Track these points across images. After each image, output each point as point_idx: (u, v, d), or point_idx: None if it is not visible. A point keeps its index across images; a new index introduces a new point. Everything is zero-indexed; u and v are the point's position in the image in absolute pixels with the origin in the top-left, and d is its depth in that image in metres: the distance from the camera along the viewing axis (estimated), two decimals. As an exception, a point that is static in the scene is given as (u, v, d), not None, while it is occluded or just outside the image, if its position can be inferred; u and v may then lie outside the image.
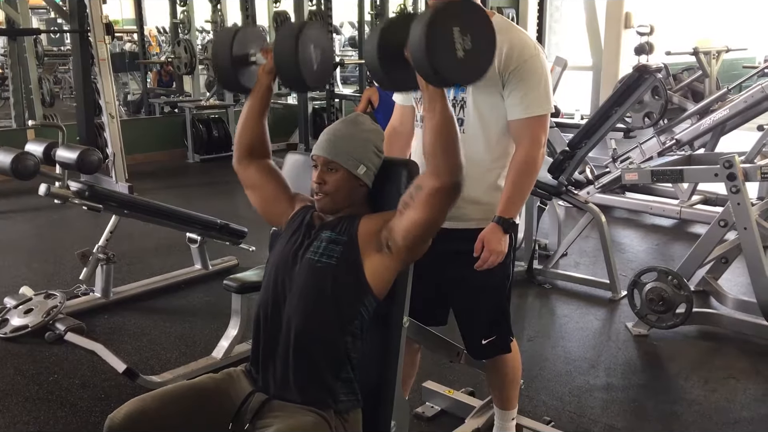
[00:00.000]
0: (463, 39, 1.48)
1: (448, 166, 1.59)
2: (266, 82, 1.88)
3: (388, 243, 1.69)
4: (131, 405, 1.65)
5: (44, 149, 3.74)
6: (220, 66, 1.91)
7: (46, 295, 3.63)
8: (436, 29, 1.45)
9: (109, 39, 5.95)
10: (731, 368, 3.22)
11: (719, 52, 6.37)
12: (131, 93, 11.60)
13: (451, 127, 1.58)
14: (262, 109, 1.91)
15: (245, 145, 1.93)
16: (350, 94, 9.76)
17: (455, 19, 1.48)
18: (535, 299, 4.11)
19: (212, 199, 6.39)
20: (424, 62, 1.47)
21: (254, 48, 1.93)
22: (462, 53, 1.48)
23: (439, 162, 1.58)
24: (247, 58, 1.92)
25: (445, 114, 1.57)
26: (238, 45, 1.89)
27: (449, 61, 1.48)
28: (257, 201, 1.93)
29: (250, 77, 1.93)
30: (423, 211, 1.62)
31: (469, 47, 1.49)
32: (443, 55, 1.47)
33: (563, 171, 4.05)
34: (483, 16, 1.55)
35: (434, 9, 1.47)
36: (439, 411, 2.78)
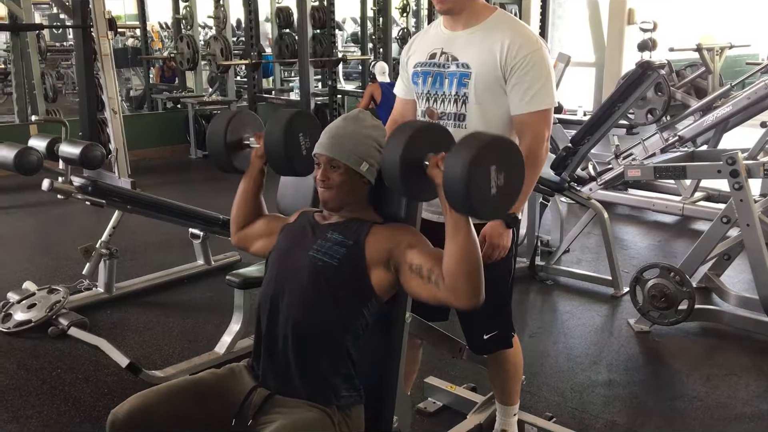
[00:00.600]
0: (498, 177, 1.50)
1: (469, 290, 1.58)
2: (258, 166, 1.96)
3: (396, 269, 1.69)
4: (134, 400, 1.65)
5: (47, 144, 3.74)
6: (215, 150, 2.01)
7: (49, 290, 3.64)
8: (477, 169, 1.47)
9: (111, 34, 5.95)
10: (733, 365, 3.22)
11: (722, 48, 6.35)
12: (134, 89, 11.58)
13: (475, 253, 1.58)
14: (256, 190, 1.98)
15: (240, 223, 2.00)
16: (352, 90, 9.75)
17: (494, 157, 1.50)
18: (537, 295, 4.12)
19: (215, 195, 6.37)
20: (460, 197, 1.49)
21: (248, 131, 2.02)
22: (495, 190, 1.50)
23: (461, 285, 1.58)
24: (241, 141, 2.02)
25: (469, 239, 1.57)
26: (233, 129, 1.99)
27: (483, 197, 1.50)
28: (262, 246, 1.96)
29: (244, 160, 2.02)
30: (432, 299, 1.64)
31: (502, 184, 1.51)
32: (479, 191, 1.49)
33: (566, 167, 4.05)
34: (517, 154, 1.57)
35: (478, 148, 1.48)
36: (441, 406, 2.78)
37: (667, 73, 6.12)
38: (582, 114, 7.37)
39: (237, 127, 2.00)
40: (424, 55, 2.13)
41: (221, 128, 1.98)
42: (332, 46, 8.67)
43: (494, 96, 2.03)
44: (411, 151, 1.58)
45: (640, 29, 6.77)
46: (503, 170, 1.51)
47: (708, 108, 5.76)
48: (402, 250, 1.67)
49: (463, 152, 1.49)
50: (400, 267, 1.67)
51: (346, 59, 10.34)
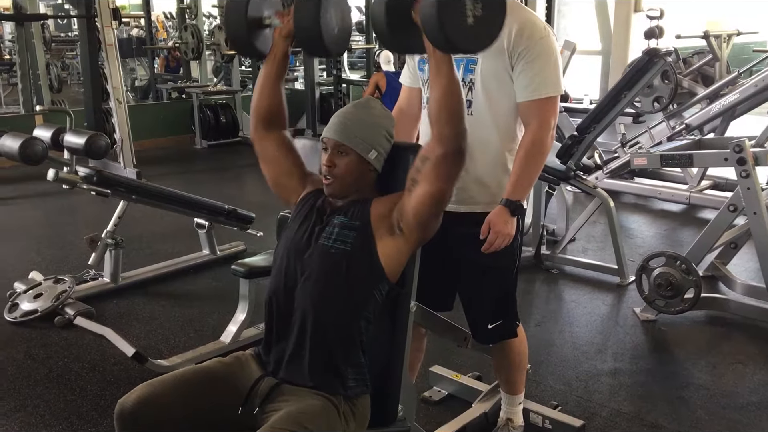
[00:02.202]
0: (474, 5, 1.46)
1: (453, 131, 1.59)
2: (283, 48, 1.83)
3: (400, 224, 1.68)
4: (141, 390, 1.65)
5: (52, 134, 3.75)
6: (234, 30, 1.85)
7: (56, 280, 3.66)
8: None
9: (116, 24, 5.90)
10: (739, 353, 3.21)
11: (730, 35, 6.30)
12: (139, 79, 11.58)
13: (456, 92, 1.58)
14: (278, 75, 1.86)
15: (262, 113, 1.88)
16: (357, 79, 9.72)
17: None
18: (542, 284, 4.11)
19: (220, 185, 6.41)
20: (435, 28, 1.46)
21: (269, 11, 1.86)
22: (472, 20, 1.47)
23: (444, 127, 1.59)
24: (262, 21, 1.85)
25: (451, 78, 1.57)
26: (253, 7, 1.82)
27: (459, 28, 1.46)
28: (270, 173, 1.90)
29: (265, 42, 1.86)
30: (431, 182, 1.62)
31: (480, 14, 1.47)
32: (454, 21, 1.45)
33: (572, 156, 4.03)
34: None
35: None
36: (446, 395, 2.79)
37: (674, 60, 6.08)
38: (588, 102, 7.33)
39: (257, 4, 1.82)
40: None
41: (242, 4, 1.80)
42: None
43: (501, 82, 2.01)
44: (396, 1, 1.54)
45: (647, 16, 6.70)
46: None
47: (715, 96, 5.72)
48: (399, 199, 1.69)
49: None
50: (402, 208, 1.67)
51: (350, 48, 10.30)
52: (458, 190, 2.06)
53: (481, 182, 2.06)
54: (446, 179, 1.63)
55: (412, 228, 1.68)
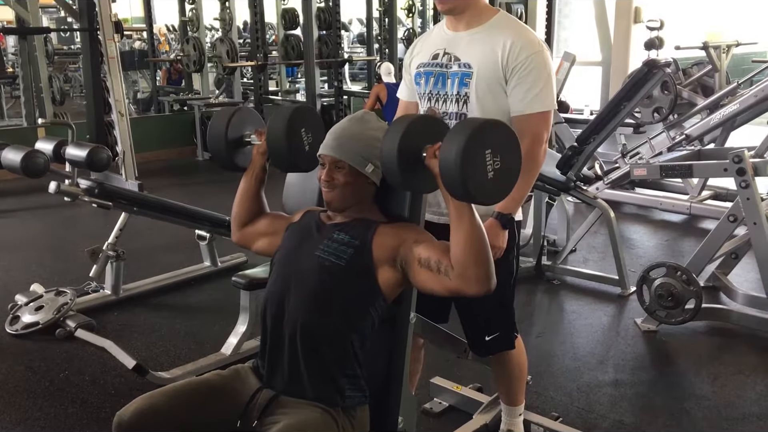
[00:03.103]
0: (494, 160, 1.51)
1: (480, 276, 1.58)
2: (260, 163, 1.94)
3: (403, 267, 1.69)
4: (139, 402, 1.65)
5: (54, 147, 3.75)
6: (216, 148, 2.00)
7: (57, 292, 3.66)
8: (470, 153, 1.47)
9: (118, 37, 5.95)
10: (741, 364, 3.20)
11: (729, 46, 6.33)
12: (141, 91, 11.63)
13: (481, 237, 1.58)
14: (257, 188, 1.97)
15: (241, 220, 1.99)
16: (358, 91, 9.75)
17: (487, 141, 1.50)
18: (543, 295, 4.11)
19: (221, 197, 6.37)
20: (457, 183, 1.49)
21: (250, 128, 2.01)
22: (492, 174, 1.51)
23: (469, 271, 1.57)
24: (242, 139, 2.00)
25: (473, 224, 1.57)
26: (234, 126, 1.98)
27: (480, 182, 1.50)
28: (265, 246, 1.95)
29: (245, 157, 2.01)
30: (443, 291, 1.63)
31: (498, 167, 1.51)
32: (475, 176, 1.49)
33: (572, 166, 4.04)
34: (511, 137, 1.56)
35: (471, 132, 1.48)
36: (447, 407, 2.78)
37: (674, 71, 6.11)
38: (588, 113, 7.36)
39: (238, 124, 1.99)
40: (427, 55, 2.14)
41: (222, 125, 1.97)
42: (338, 47, 8.68)
43: (495, 96, 2.03)
44: (408, 143, 1.58)
45: (647, 27, 6.76)
46: (499, 153, 1.51)
47: (715, 106, 5.74)
48: (409, 246, 1.68)
49: (457, 137, 1.49)
50: (409, 263, 1.67)
51: (351, 60, 10.36)
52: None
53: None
54: (457, 295, 1.63)
55: (414, 284, 1.71)
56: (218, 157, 2.02)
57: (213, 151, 2.02)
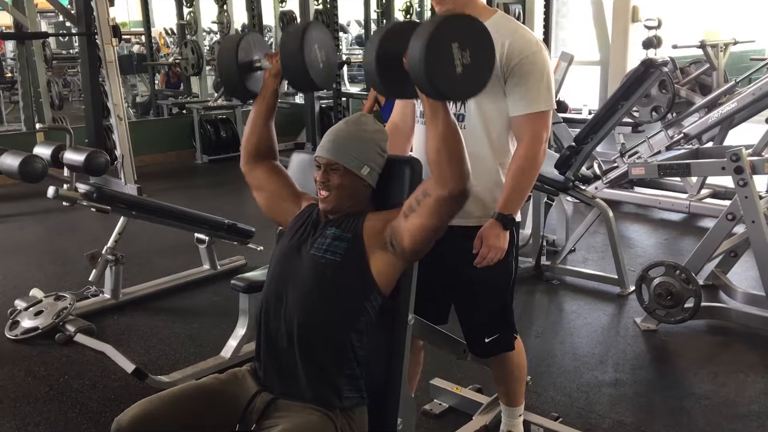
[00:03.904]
0: (462, 54, 1.49)
1: (455, 174, 1.59)
2: (272, 86, 1.93)
3: (393, 242, 1.70)
4: (138, 407, 1.66)
5: (52, 152, 3.76)
6: (226, 74, 1.96)
7: (56, 297, 3.66)
8: (434, 47, 1.46)
9: (116, 41, 5.96)
10: (740, 362, 3.20)
11: (726, 44, 6.32)
12: (140, 95, 11.64)
13: (455, 136, 1.59)
14: (269, 113, 1.95)
15: (252, 148, 1.97)
16: (357, 93, 9.75)
17: (454, 34, 1.49)
18: (543, 295, 4.11)
19: (220, 200, 6.42)
20: (423, 80, 1.49)
21: (258, 54, 1.98)
22: (461, 68, 1.49)
23: (445, 171, 1.59)
24: (252, 64, 1.97)
25: (448, 124, 1.58)
26: (243, 52, 1.94)
27: (448, 77, 1.49)
28: (263, 201, 1.96)
29: (256, 82, 1.97)
30: (429, 217, 1.63)
31: (468, 62, 1.50)
32: (442, 72, 1.48)
33: (570, 166, 4.04)
34: (481, 29, 1.55)
35: (433, 26, 1.47)
36: (446, 408, 2.78)
37: (671, 70, 6.10)
38: (587, 112, 7.36)
39: (246, 49, 1.96)
40: (425, 56, 2.13)
41: (232, 50, 1.93)
42: (336, 49, 8.67)
43: (493, 96, 2.02)
44: (387, 48, 1.58)
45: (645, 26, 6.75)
46: (468, 47, 1.50)
47: (713, 105, 5.74)
48: (395, 216, 1.71)
49: (422, 31, 1.48)
50: (397, 229, 1.68)
51: (350, 62, 10.35)
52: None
53: (474, 196, 2.06)
54: (445, 216, 1.65)
55: (405, 250, 1.70)
56: (229, 84, 1.98)
57: (224, 77, 1.98)
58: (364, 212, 1.78)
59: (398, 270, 1.74)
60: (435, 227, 1.65)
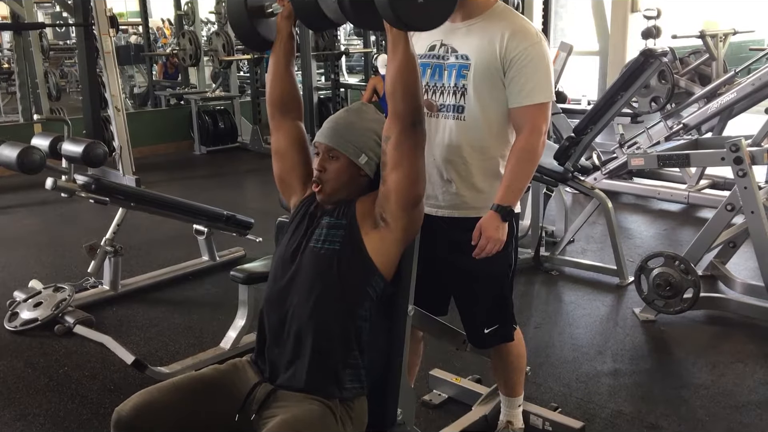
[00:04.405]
0: None
1: (409, 106, 1.63)
2: (287, 29, 1.87)
3: (383, 215, 1.71)
4: (138, 398, 1.66)
5: (50, 143, 3.75)
6: (237, 22, 1.91)
7: (55, 288, 3.66)
8: None
9: (113, 32, 5.94)
10: (739, 352, 3.21)
11: (726, 34, 6.30)
12: (137, 86, 11.59)
13: (412, 68, 1.62)
14: (288, 59, 1.90)
15: (276, 99, 1.92)
16: (355, 84, 9.73)
17: None
18: (542, 286, 4.11)
19: (219, 191, 6.41)
20: (385, 6, 1.48)
21: (268, 0, 1.91)
22: None
23: (399, 103, 1.63)
24: (264, 9, 1.91)
25: (406, 54, 1.60)
26: None
27: (410, 5, 1.49)
28: (278, 168, 1.93)
29: (269, 29, 1.92)
30: (399, 163, 1.66)
31: None
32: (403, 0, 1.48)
33: (569, 157, 4.03)
34: None
35: None
36: (446, 398, 2.78)
37: (671, 60, 6.08)
38: (586, 103, 7.34)
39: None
40: (424, 47, 2.13)
41: None
42: (334, 40, 8.65)
43: (493, 88, 2.02)
44: None
45: (644, 17, 6.73)
46: None
47: (712, 95, 5.72)
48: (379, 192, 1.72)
49: None
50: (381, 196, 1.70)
51: (348, 52, 10.31)
52: (451, 196, 2.07)
53: (474, 187, 2.07)
54: (411, 155, 1.66)
55: (396, 215, 1.70)
56: (242, 33, 1.93)
57: (235, 25, 1.93)
58: (355, 198, 1.79)
59: (394, 246, 1.73)
60: (409, 172, 1.66)
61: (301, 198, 1.88)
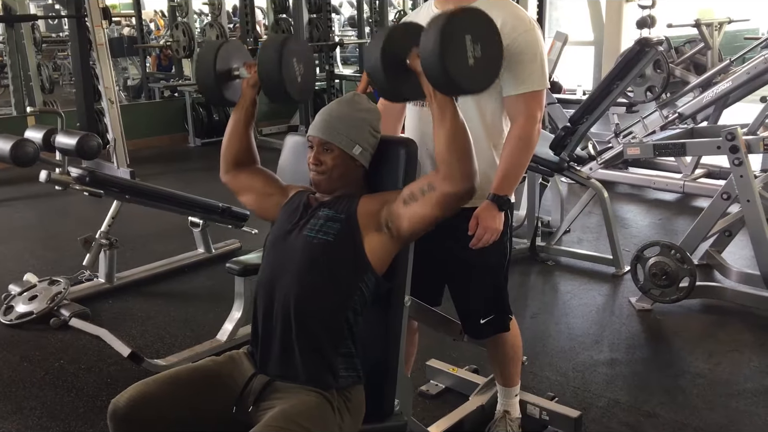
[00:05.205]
0: (474, 47, 1.50)
1: (463, 172, 1.59)
2: (251, 96, 1.92)
3: (389, 224, 1.69)
4: (134, 389, 1.65)
5: (43, 136, 3.73)
6: (204, 82, 1.95)
7: (50, 282, 3.65)
8: (450, 36, 1.46)
9: (106, 24, 5.91)
10: (735, 341, 3.22)
11: (721, 23, 6.30)
12: (131, 78, 11.54)
13: (464, 134, 1.59)
14: (247, 122, 1.94)
15: (232, 156, 1.96)
16: (350, 75, 9.70)
17: (467, 27, 1.49)
18: (538, 276, 4.11)
19: (214, 183, 6.33)
20: (438, 72, 1.48)
21: (237, 62, 1.97)
22: (472, 61, 1.50)
23: (454, 169, 1.59)
24: (231, 72, 1.96)
25: (456, 121, 1.58)
26: (221, 60, 1.94)
27: (461, 68, 1.49)
28: (252, 202, 1.95)
29: (234, 91, 1.97)
30: (432, 209, 1.64)
31: (479, 56, 1.50)
32: (456, 61, 1.48)
33: (565, 147, 4.03)
34: (491, 25, 1.56)
35: (447, 16, 1.48)
36: (443, 389, 2.79)
37: (666, 49, 6.08)
38: (581, 93, 7.34)
39: (225, 57, 1.95)
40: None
41: (210, 58, 1.93)
42: (329, 31, 8.61)
43: None
44: (390, 49, 1.57)
45: (639, 6, 6.71)
46: (479, 41, 1.51)
47: (707, 84, 5.73)
48: (393, 199, 1.70)
49: (435, 25, 1.49)
50: (394, 213, 1.68)
51: (342, 43, 10.28)
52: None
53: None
54: (449, 211, 1.65)
55: (401, 235, 1.70)
56: (207, 91, 1.97)
57: (202, 85, 1.97)
58: (358, 194, 1.78)
59: (392, 251, 1.73)
60: (436, 218, 1.65)
61: (287, 200, 1.88)
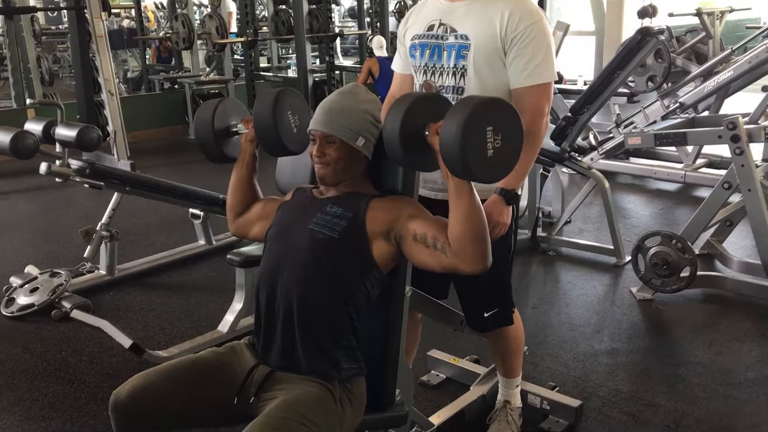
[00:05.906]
0: (495, 138, 1.50)
1: (476, 253, 1.59)
2: (250, 151, 1.95)
3: (396, 240, 1.69)
4: (135, 381, 1.65)
5: (43, 128, 3.71)
6: (204, 141, 2.00)
7: (51, 274, 3.65)
8: (471, 129, 1.47)
9: (106, 15, 5.88)
10: (736, 330, 3.22)
11: (723, 12, 6.28)
12: (131, 70, 11.52)
13: (479, 217, 1.58)
14: (249, 176, 1.97)
15: (237, 210, 1.98)
16: (350, 66, 9.68)
17: (489, 118, 1.50)
18: (539, 267, 4.11)
19: (214, 175, 6.33)
20: (457, 159, 1.49)
21: (235, 119, 2.01)
22: (492, 152, 1.51)
23: (467, 250, 1.58)
24: (229, 129, 2.00)
25: (472, 204, 1.57)
26: (219, 119, 1.98)
27: (480, 158, 1.50)
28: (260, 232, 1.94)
29: (233, 147, 2.01)
30: (438, 267, 1.64)
31: (499, 145, 1.51)
32: (475, 154, 1.49)
33: (566, 137, 4.02)
34: (514, 115, 1.56)
35: (470, 109, 1.48)
36: (444, 379, 2.79)
37: (667, 39, 6.06)
38: (582, 83, 7.32)
39: (223, 115, 2.00)
40: (422, 27, 2.09)
41: (208, 118, 1.98)
42: (329, 22, 8.59)
43: (493, 68, 1.98)
44: (410, 122, 1.58)
45: (640, -5, 6.69)
46: (500, 131, 1.51)
47: (709, 73, 5.71)
48: (404, 221, 1.67)
49: (458, 113, 1.49)
50: (403, 237, 1.67)
51: (343, 34, 10.26)
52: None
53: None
54: (452, 271, 1.64)
55: (405, 256, 1.71)
56: (207, 150, 2.02)
57: (201, 144, 2.02)
58: (368, 196, 1.76)
59: (399, 257, 1.74)
60: (440, 269, 1.65)
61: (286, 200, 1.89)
